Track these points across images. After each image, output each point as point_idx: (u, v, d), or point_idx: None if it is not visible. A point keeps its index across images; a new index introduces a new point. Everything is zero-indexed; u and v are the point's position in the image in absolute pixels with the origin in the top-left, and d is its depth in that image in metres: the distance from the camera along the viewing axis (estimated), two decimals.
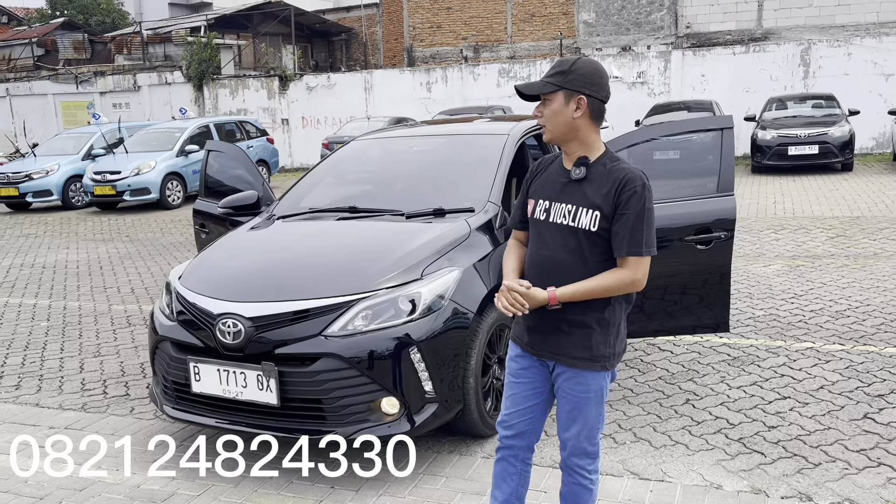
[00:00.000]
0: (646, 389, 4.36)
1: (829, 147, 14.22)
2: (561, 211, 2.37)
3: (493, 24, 25.89)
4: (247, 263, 3.92)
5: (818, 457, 3.45)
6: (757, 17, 22.20)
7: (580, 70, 2.31)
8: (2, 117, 26.49)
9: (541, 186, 2.48)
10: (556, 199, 2.39)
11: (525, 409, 2.52)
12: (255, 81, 23.87)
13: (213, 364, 3.40)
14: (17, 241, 11.50)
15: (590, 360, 2.37)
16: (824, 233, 8.80)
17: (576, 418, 2.42)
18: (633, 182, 2.28)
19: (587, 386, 2.39)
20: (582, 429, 2.43)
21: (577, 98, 2.30)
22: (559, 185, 2.41)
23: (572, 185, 2.37)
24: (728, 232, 3.88)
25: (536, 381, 2.50)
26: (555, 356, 2.42)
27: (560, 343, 2.39)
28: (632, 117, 18.06)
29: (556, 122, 2.35)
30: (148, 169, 14.59)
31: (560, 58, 3.07)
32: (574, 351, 2.38)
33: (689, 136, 4.23)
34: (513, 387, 2.54)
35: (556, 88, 2.33)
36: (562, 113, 2.33)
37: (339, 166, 5.20)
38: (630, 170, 2.31)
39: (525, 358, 2.51)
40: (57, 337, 6.07)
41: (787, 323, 5.49)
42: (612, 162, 2.35)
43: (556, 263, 2.37)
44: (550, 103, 2.34)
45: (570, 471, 2.50)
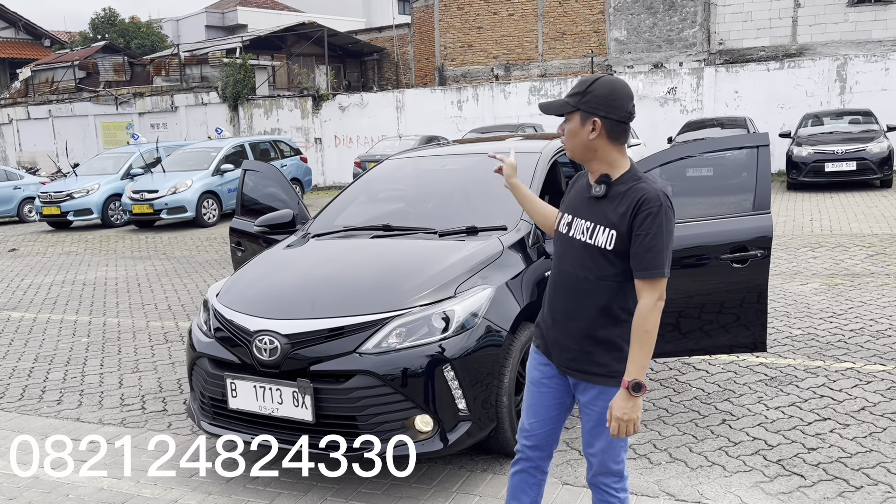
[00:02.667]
0: (681, 409, 4.31)
1: (867, 163, 13.98)
2: (581, 227, 2.38)
3: (524, 43, 25.99)
4: (283, 281, 3.97)
5: (860, 480, 3.38)
6: (791, 33, 21.99)
7: (596, 91, 2.30)
8: (44, 138, 27.25)
9: (569, 200, 2.51)
10: (577, 215, 2.41)
11: (547, 418, 2.53)
12: (289, 101, 24.24)
13: (249, 380, 3.45)
14: (59, 259, 11.78)
15: (609, 377, 2.36)
16: (863, 250, 8.63)
17: (599, 435, 2.41)
18: (650, 203, 2.23)
19: (605, 401, 2.37)
20: (606, 446, 2.41)
21: (591, 120, 2.30)
22: (583, 200, 2.42)
23: (593, 201, 2.37)
24: (764, 250, 3.83)
25: (560, 390, 2.51)
26: (578, 374, 2.41)
27: (584, 360, 2.39)
28: (664, 134, 17.96)
29: (574, 142, 2.36)
30: (184, 188, 14.87)
31: (583, 76, 3.10)
32: (597, 368, 2.37)
33: (723, 154, 4.21)
34: (535, 395, 2.53)
35: (573, 109, 2.33)
36: (578, 134, 2.33)
37: (373, 185, 5.25)
38: (649, 190, 2.26)
39: (549, 366, 2.51)
40: (97, 353, 6.20)
41: (825, 342, 5.39)
42: (633, 181, 2.31)
43: (574, 279, 2.38)
44: (569, 123, 2.36)
45: (598, 489, 2.48)
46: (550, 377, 2.51)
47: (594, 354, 2.37)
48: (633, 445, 3.85)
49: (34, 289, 9.27)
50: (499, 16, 26.17)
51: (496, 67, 26.31)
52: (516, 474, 2.62)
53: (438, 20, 27.24)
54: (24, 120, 27.84)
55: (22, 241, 14.56)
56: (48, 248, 13.30)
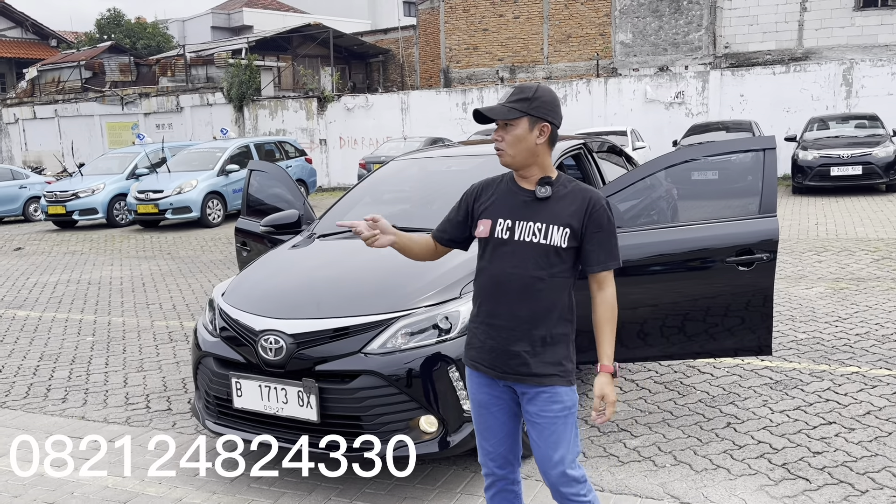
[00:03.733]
0: (686, 412, 4.31)
1: (873, 168, 13.95)
2: (529, 228, 2.38)
3: (529, 45, 26.01)
4: (288, 281, 3.98)
5: (865, 484, 3.37)
6: (797, 37, 21.97)
7: (543, 97, 2.38)
8: (50, 138, 27.34)
9: (496, 206, 2.46)
10: (520, 218, 2.40)
11: (505, 435, 2.50)
12: (294, 102, 24.29)
13: (254, 380, 3.46)
14: (64, 258, 11.82)
15: (560, 376, 2.37)
16: (869, 255, 8.61)
17: (557, 443, 2.37)
18: (601, 201, 2.39)
19: (563, 403, 2.37)
20: (565, 454, 2.37)
21: (541, 125, 2.37)
22: (521, 203, 2.42)
23: (538, 203, 2.40)
24: (770, 253, 3.83)
25: (509, 403, 2.47)
26: (530, 378, 2.38)
27: (536, 363, 2.37)
28: (669, 137, 17.96)
29: (518, 147, 2.38)
30: (189, 188, 14.90)
31: (520, 84, 3.11)
32: (551, 369, 2.37)
33: (728, 157, 4.20)
34: (487, 417, 2.49)
35: (521, 115, 2.36)
36: (525, 139, 2.37)
37: (378, 186, 5.26)
38: (593, 189, 2.44)
39: (489, 385, 2.47)
40: (102, 352, 6.21)
41: (831, 346, 5.38)
42: (569, 182, 2.44)
43: (526, 280, 2.37)
44: (513, 129, 2.38)
45: (566, 501, 2.41)
46: (497, 396, 2.47)
47: (545, 355, 2.37)
48: (638, 448, 3.84)
49: (39, 287, 9.30)
50: (504, 18, 26.19)
51: (501, 70, 26.33)
52: (495, 497, 2.59)
53: (444, 22, 27.27)
54: (30, 119, 27.94)
55: (27, 240, 14.61)
56: (53, 247, 13.34)
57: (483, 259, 2.48)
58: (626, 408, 4.42)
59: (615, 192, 4.09)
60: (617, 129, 16.78)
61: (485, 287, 2.46)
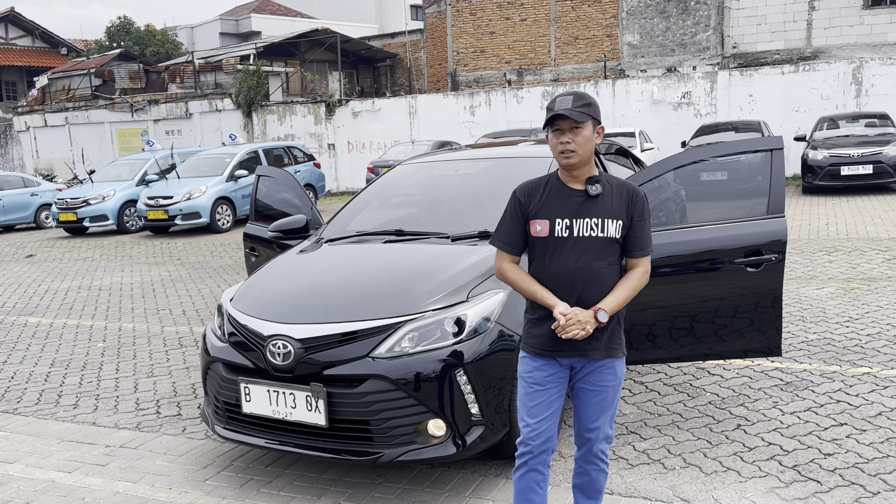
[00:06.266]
0: (695, 414, 4.29)
1: (884, 167, 13.86)
2: (587, 225, 2.62)
3: (536, 48, 26.00)
4: (296, 286, 3.99)
5: (877, 485, 3.35)
6: (806, 36, 21.86)
7: (595, 103, 2.67)
8: (61, 145, 27.53)
9: (551, 207, 2.66)
10: (577, 216, 2.63)
11: (550, 414, 2.70)
12: (303, 107, 24.37)
13: (263, 385, 3.47)
14: (75, 265, 11.89)
15: (617, 349, 2.67)
16: (880, 255, 8.56)
17: (605, 408, 2.69)
18: (640, 192, 2.69)
19: (615, 374, 2.68)
20: (609, 416, 2.72)
21: (599, 126, 2.67)
22: (575, 203, 2.64)
23: (591, 201, 2.64)
24: (779, 254, 3.81)
25: (561, 386, 2.71)
26: (600, 353, 2.64)
27: (608, 341, 2.65)
28: (678, 138, 17.90)
29: (587, 147, 2.62)
30: (199, 194, 14.97)
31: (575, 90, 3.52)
32: (616, 342, 2.67)
33: (737, 157, 4.19)
34: (539, 395, 2.69)
35: (589, 118, 2.60)
36: (591, 140, 2.63)
37: (386, 190, 5.27)
38: (632, 183, 2.71)
39: (549, 365, 2.69)
40: (112, 357, 6.25)
41: (842, 347, 5.35)
42: (610, 178, 2.71)
43: (590, 272, 2.61)
44: (582, 131, 2.60)
45: (594, 458, 2.75)
46: (552, 374, 2.68)
47: (615, 333, 2.66)
48: (647, 451, 3.83)
49: (51, 294, 9.36)
50: (511, 21, 26.20)
51: (509, 72, 26.33)
52: (525, 475, 2.72)
53: (451, 26, 27.30)
54: (41, 127, 28.14)
55: (39, 247, 14.71)
56: (64, 253, 13.43)
57: (541, 258, 2.68)
58: (635, 410, 4.40)
59: None
60: (625, 131, 16.74)
61: (550, 282, 2.65)
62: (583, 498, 2.85)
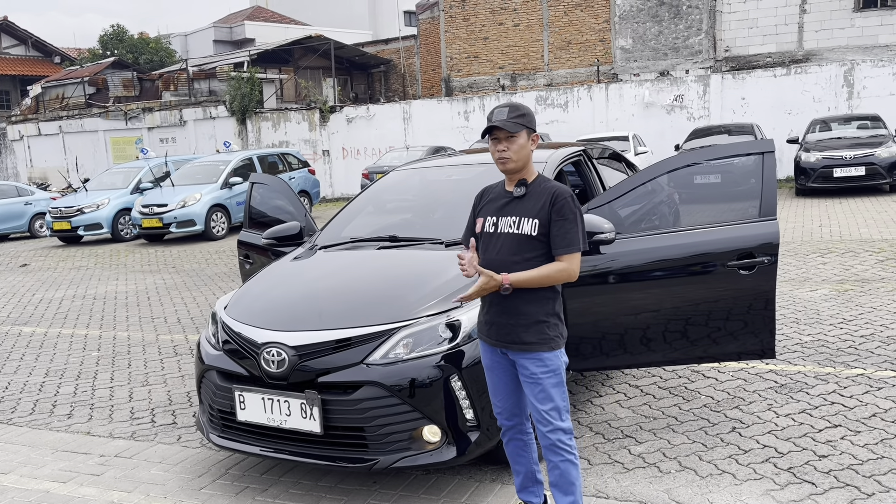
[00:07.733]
0: (690, 417, 4.29)
1: (876, 168, 13.92)
2: (507, 223, 2.90)
3: (529, 53, 26.07)
4: (290, 293, 3.99)
5: (871, 487, 3.36)
6: (797, 39, 21.97)
7: (530, 113, 2.93)
8: (55, 154, 27.48)
9: (487, 207, 3.01)
10: (501, 215, 2.92)
11: (508, 393, 2.99)
12: (297, 114, 24.38)
13: (257, 392, 3.46)
14: (70, 274, 11.86)
15: (544, 343, 2.83)
16: (873, 256, 8.59)
17: (545, 399, 2.84)
18: (563, 194, 2.83)
19: (545, 366, 2.83)
20: (554, 407, 2.84)
21: (534, 135, 2.93)
22: (502, 203, 2.95)
23: (515, 201, 2.91)
24: (771, 256, 3.83)
25: (508, 366, 2.95)
26: (517, 346, 2.85)
27: (522, 333, 2.84)
28: (671, 142, 17.95)
29: (521, 154, 2.88)
30: (193, 201, 14.96)
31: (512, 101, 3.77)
32: (532, 337, 2.83)
33: (730, 161, 4.21)
34: (492, 376, 3.02)
35: (523, 128, 2.87)
36: (525, 147, 2.89)
37: (379, 196, 5.27)
38: (559, 185, 2.89)
39: (492, 351, 2.97)
40: (107, 366, 6.23)
41: (836, 349, 5.36)
42: (544, 182, 2.92)
43: (505, 265, 2.84)
44: (517, 139, 2.86)
45: (555, 448, 2.86)
46: (495, 360, 2.98)
47: (528, 327, 2.83)
48: (643, 454, 3.84)
49: (45, 303, 9.33)
50: (504, 26, 26.27)
51: (502, 77, 26.39)
52: (509, 443, 3.09)
53: (444, 31, 27.37)
54: (34, 136, 28.09)
55: (33, 256, 14.67)
56: (59, 262, 13.39)
57: (480, 251, 2.97)
58: (630, 414, 4.41)
59: (616, 197, 4.10)
60: (618, 135, 16.79)
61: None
62: (560, 495, 2.92)
